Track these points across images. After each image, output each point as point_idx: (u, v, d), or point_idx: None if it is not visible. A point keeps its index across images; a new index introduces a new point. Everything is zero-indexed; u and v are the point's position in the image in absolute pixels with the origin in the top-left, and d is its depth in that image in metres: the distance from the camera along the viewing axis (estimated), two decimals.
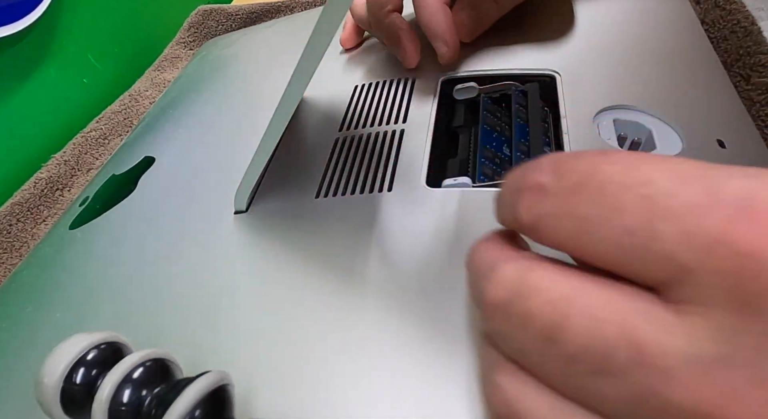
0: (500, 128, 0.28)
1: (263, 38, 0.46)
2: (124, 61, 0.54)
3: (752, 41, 0.29)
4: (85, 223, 0.32)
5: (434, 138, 0.26)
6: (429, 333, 0.18)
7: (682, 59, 0.27)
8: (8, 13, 0.41)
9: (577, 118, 0.25)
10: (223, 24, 0.56)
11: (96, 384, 0.16)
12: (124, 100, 0.49)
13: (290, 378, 0.18)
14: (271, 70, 0.39)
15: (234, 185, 0.25)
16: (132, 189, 0.32)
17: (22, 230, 0.39)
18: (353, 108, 0.30)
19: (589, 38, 0.29)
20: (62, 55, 0.47)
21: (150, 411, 0.15)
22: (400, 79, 0.31)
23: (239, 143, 0.32)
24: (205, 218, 0.27)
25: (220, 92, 0.40)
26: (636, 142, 0.25)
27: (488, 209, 0.22)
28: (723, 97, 0.24)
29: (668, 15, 0.30)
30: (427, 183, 0.24)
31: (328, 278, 0.21)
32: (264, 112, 0.33)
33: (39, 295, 0.28)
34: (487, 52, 0.30)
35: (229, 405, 0.16)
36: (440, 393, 0.16)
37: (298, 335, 0.20)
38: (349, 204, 0.24)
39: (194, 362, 0.19)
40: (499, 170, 0.26)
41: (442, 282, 0.19)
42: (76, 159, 0.44)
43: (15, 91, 0.44)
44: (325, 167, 0.26)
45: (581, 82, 0.27)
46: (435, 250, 0.21)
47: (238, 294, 0.22)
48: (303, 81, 0.20)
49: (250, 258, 0.24)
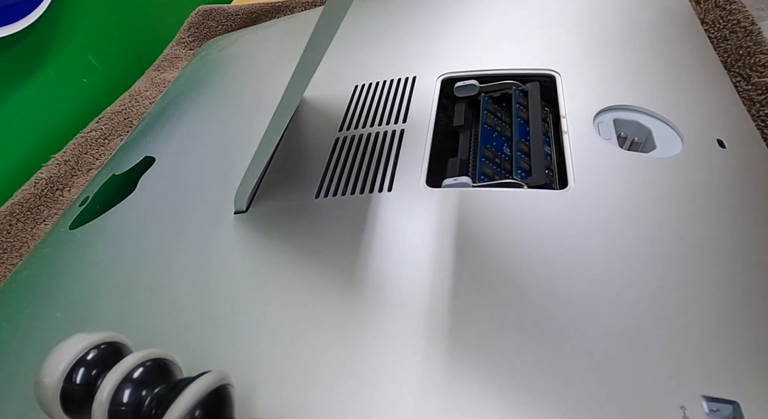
0: (501, 128, 0.28)
1: (263, 38, 0.45)
2: (124, 61, 0.54)
3: (752, 41, 0.29)
4: (85, 223, 0.32)
5: (434, 138, 0.26)
6: (429, 332, 0.18)
7: (682, 59, 0.27)
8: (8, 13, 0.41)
9: (577, 118, 0.25)
10: (223, 24, 0.56)
11: (96, 384, 0.16)
12: (124, 100, 0.49)
13: (290, 378, 0.18)
14: (271, 70, 0.39)
15: (234, 185, 0.25)
16: (132, 189, 0.32)
17: (22, 230, 0.39)
18: (353, 108, 0.30)
19: (589, 38, 0.29)
20: (62, 55, 0.47)
21: (150, 411, 0.15)
22: (400, 79, 0.31)
23: (239, 142, 0.32)
24: (205, 218, 0.27)
25: (220, 92, 0.40)
26: (636, 142, 0.25)
27: (488, 209, 0.23)
28: (723, 97, 0.24)
29: (668, 15, 0.30)
30: (427, 183, 0.24)
31: (328, 278, 0.21)
32: (264, 112, 0.33)
33: (39, 295, 0.28)
34: (488, 51, 0.30)
35: (229, 405, 0.16)
36: (440, 392, 0.16)
37: (298, 335, 0.20)
38: (349, 204, 0.24)
39: (194, 362, 0.19)
40: (500, 170, 0.26)
41: (442, 282, 0.19)
42: (76, 159, 0.44)
43: (15, 91, 0.44)
44: (325, 167, 0.26)
45: (581, 82, 0.27)
46: (435, 250, 0.21)
47: (238, 294, 0.22)
48: (303, 81, 0.20)
49: (249, 258, 0.24)
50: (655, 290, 0.18)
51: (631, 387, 0.16)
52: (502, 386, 0.16)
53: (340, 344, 0.19)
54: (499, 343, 0.17)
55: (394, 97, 0.29)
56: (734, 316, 0.17)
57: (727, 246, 0.19)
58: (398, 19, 0.37)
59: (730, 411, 0.15)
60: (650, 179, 0.22)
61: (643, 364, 0.16)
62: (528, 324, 0.18)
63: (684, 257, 0.19)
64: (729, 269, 0.18)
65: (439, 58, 0.31)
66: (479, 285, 0.19)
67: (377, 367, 0.18)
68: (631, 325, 0.17)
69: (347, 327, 0.19)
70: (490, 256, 0.20)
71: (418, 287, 0.20)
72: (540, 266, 0.19)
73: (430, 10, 0.36)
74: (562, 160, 0.23)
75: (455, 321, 0.18)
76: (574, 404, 0.16)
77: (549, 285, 0.19)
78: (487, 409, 0.16)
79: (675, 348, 0.16)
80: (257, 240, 0.24)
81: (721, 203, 0.20)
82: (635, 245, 0.19)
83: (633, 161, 0.22)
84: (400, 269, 0.20)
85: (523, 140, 0.26)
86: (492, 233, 0.21)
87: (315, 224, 0.24)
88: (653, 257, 0.19)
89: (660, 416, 0.15)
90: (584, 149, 0.23)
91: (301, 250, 0.23)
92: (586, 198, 0.21)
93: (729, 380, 0.15)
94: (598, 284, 0.18)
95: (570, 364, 0.16)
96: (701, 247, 0.19)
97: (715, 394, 0.15)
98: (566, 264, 0.19)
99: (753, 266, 0.18)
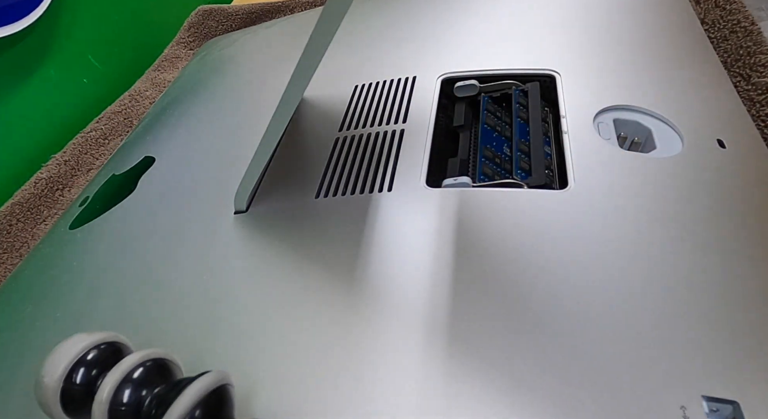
0: (501, 128, 0.28)
1: (263, 38, 0.45)
2: (124, 61, 0.54)
3: (752, 41, 0.29)
4: (85, 223, 0.32)
5: (434, 138, 0.26)
6: (429, 332, 0.18)
7: (682, 59, 0.27)
8: (8, 13, 0.41)
9: (577, 118, 0.25)
10: (223, 24, 0.56)
11: (96, 384, 0.16)
12: (124, 100, 0.49)
13: (290, 378, 0.18)
14: (271, 70, 0.39)
15: (234, 185, 0.25)
16: (132, 189, 0.32)
17: (22, 230, 0.39)
18: (353, 108, 0.30)
19: (589, 38, 0.29)
20: (62, 55, 0.47)
21: (150, 411, 0.15)
22: (400, 79, 0.31)
23: (239, 143, 0.32)
24: (205, 218, 0.27)
25: (220, 92, 0.40)
26: (636, 142, 0.25)
27: (488, 209, 0.23)
28: (723, 97, 0.24)
29: (668, 15, 0.30)
30: (427, 183, 0.24)
31: (328, 278, 0.21)
32: (264, 112, 0.33)
33: (39, 295, 0.28)
34: (488, 51, 0.30)
35: (229, 405, 0.16)
36: (440, 392, 0.16)
37: (298, 335, 0.20)
38: (349, 204, 0.24)
39: (194, 362, 0.19)
40: (500, 170, 0.26)
41: (442, 282, 0.19)
42: (76, 159, 0.44)
43: (15, 91, 0.44)
44: (325, 167, 0.26)
45: (581, 83, 0.27)
46: (435, 250, 0.21)
47: (238, 294, 0.22)
48: (303, 81, 0.20)
49: (249, 258, 0.24)
50: (655, 290, 0.18)
51: (631, 387, 0.16)
52: (502, 386, 0.16)
53: (340, 344, 0.19)
54: (500, 343, 0.17)
55: (394, 98, 0.29)
56: (734, 316, 0.17)
57: (728, 246, 0.19)
58: (398, 19, 0.37)
59: (730, 411, 0.15)
60: (650, 179, 0.22)
61: (643, 364, 0.16)
62: (528, 324, 0.18)
63: (684, 257, 0.19)
64: (729, 269, 0.18)
65: (439, 58, 0.31)
66: (479, 285, 0.19)
67: (377, 367, 0.18)
68: (631, 325, 0.17)
69: (347, 327, 0.19)
70: (489, 256, 0.20)
71: (418, 287, 0.20)
72: (540, 266, 0.19)
73: (430, 10, 0.36)
74: (562, 160, 0.23)
75: (455, 321, 0.18)
76: (574, 404, 0.16)
77: (549, 285, 0.19)
78: (487, 409, 0.16)
79: (675, 348, 0.16)
80: (257, 240, 0.24)
81: (721, 203, 0.20)
82: (635, 245, 0.19)
83: (633, 161, 0.22)
84: (400, 270, 0.20)
85: (523, 140, 0.26)
86: (492, 233, 0.21)
87: (315, 224, 0.24)
88: (653, 257, 0.19)
89: (660, 416, 0.15)
90: (584, 149, 0.23)
91: (301, 250, 0.23)
92: (586, 198, 0.21)
93: (729, 380, 0.15)
94: (598, 284, 0.18)
95: (570, 364, 0.16)
96: (701, 247, 0.19)
97: (715, 394, 0.15)
98: (566, 264, 0.19)
99: (753, 266, 0.18)
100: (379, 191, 0.24)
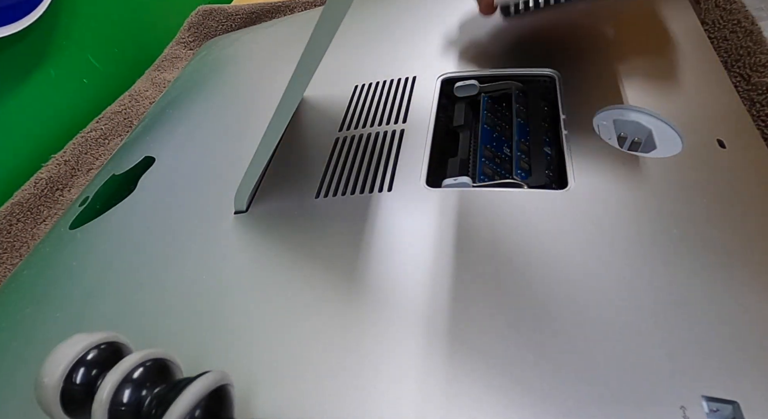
0: (500, 128, 0.28)
1: (263, 38, 0.45)
2: (124, 61, 0.54)
3: (752, 41, 0.29)
4: (85, 223, 0.32)
5: (434, 138, 0.26)
6: (429, 332, 0.18)
7: (682, 59, 0.27)
8: (8, 13, 0.41)
9: (577, 118, 0.25)
10: (223, 24, 0.56)
11: (96, 384, 0.16)
12: (124, 100, 0.49)
13: (290, 378, 0.18)
14: (271, 70, 0.39)
15: (234, 185, 0.25)
16: (132, 189, 0.32)
17: (22, 230, 0.39)
18: (353, 108, 0.30)
19: (589, 38, 0.29)
20: (62, 55, 0.47)
21: (150, 411, 0.15)
22: (400, 79, 0.31)
23: (239, 143, 0.32)
24: (205, 218, 0.27)
25: (220, 92, 0.40)
26: (636, 142, 0.25)
27: (488, 209, 0.23)
28: (723, 97, 0.24)
29: (668, 15, 0.30)
30: (427, 183, 0.24)
31: (328, 278, 0.21)
32: (264, 112, 0.33)
33: (39, 295, 0.28)
34: (488, 52, 0.30)
35: (229, 405, 0.16)
36: (440, 392, 0.16)
37: (298, 335, 0.20)
38: (349, 204, 0.24)
39: (194, 362, 0.19)
40: (500, 170, 0.26)
41: (441, 282, 0.19)
42: (76, 159, 0.44)
43: (15, 91, 0.44)
44: (325, 167, 0.26)
45: (581, 83, 0.27)
46: (435, 250, 0.21)
47: (238, 294, 0.22)
48: (303, 81, 0.20)
49: (249, 258, 0.24)
50: (655, 290, 0.18)
51: (632, 387, 0.16)
52: (502, 386, 0.16)
53: (340, 344, 0.19)
54: (499, 343, 0.17)
55: (394, 98, 0.29)
56: (734, 316, 0.17)
57: (728, 246, 0.19)
58: (398, 19, 0.37)
59: (730, 411, 0.15)
60: (650, 179, 0.22)
61: (643, 364, 0.16)
62: (528, 324, 0.18)
63: (684, 257, 0.19)
64: (729, 269, 0.18)
65: (439, 58, 0.31)
66: (479, 285, 0.19)
67: (377, 367, 0.18)
68: (631, 325, 0.17)
69: (347, 326, 0.19)
70: (489, 256, 0.20)
71: (418, 287, 0.20)
72: (540, 266, 0.19)
73: (431, 10, 0.36)
74: (562, 160, 0.23)
75: (455, 321, 0.18)
76: (574, 404, 0.16)
77: (549, 285, 0.19)
78: (487, 409, 0.16)
79: (675, 348, 0.16)
80: (257, 240, 0.24)
81: (721, 203, 0.20)
82: (635, 245, 0.19)
83: (633, 161, 0.22)
84: (400, 269, 0.20)
85: (523, 140, 0.26)
86: (492, 233, 0.21)
87: (315, 224, 0.24)
88: (653, 257, 0.19)
89: (660, 416, 0.15)
90: (584, 149, 0.23)
91: (301, 250, 0.23)
92: (586, 198, 0.21)
93: (729, 380, 0.15)
94: (597, 284, 0.18)
95: (570, 364, 0.16)
96: (701, 247, 0.19)
97: (715, 394, 0.15)
98: (566, 264, 0.19)
99: (753, 265, 0.18)
100: (379, 191, 0.24)
